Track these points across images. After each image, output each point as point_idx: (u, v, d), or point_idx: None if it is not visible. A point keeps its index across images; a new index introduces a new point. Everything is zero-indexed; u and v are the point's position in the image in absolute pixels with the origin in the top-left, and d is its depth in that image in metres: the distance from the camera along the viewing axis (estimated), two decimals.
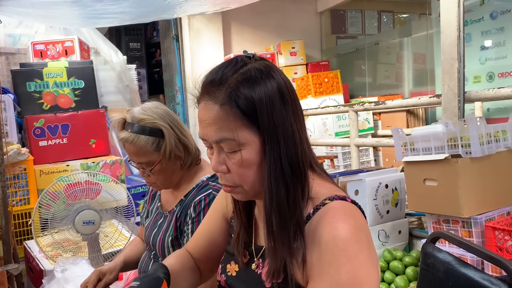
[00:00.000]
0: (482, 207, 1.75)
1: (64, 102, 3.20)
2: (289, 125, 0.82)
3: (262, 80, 0.81)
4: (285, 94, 0.82)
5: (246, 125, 0.80)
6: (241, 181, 0.84)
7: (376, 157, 4.55)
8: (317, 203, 0.84)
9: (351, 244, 0.76)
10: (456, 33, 2.06)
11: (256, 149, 0.81)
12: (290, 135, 0.81)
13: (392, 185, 2.27)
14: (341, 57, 5.71)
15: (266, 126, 0.80)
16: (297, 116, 0.84)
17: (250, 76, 0.81)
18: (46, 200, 2.01)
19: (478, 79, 3.69)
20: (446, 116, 2.16)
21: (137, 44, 6.53)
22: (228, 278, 0.98)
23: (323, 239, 0.78)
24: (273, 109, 0.80)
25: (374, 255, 0.80)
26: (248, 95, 0.79)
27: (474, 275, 0.90)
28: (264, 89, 0.80)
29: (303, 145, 0.84)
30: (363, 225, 0.81)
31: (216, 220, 1.10)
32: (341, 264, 0.75)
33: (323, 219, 0.80)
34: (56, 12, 2.74)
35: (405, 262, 2.06)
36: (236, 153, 0.82)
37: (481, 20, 3.61)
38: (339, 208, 0.81)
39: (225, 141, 0.82)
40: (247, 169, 0.83)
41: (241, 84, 0.80)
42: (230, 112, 0.80)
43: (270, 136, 0.80)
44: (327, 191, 0.86)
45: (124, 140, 1.41)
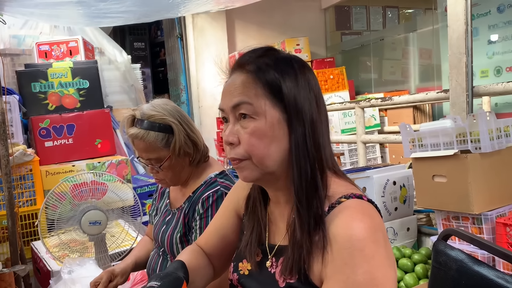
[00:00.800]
0: (492, 203, 1.73)
1: (69, 102, 3.19)
2: (314, 115, 0.84)
3: (291, 67, 0.85)
4: (313, 85, 0.86)
5: (267, 96, 0.82)
6: (251, 152, 0.83)
7: (383, 154, 4.52)
8: (332, 201, 0.83)
9: (368, 244, 0.75)
10: (464, 27, 2.03)
11: (272, 122, 0.82)
12: (314, 124, 0.83)
13: (400, 181, 2.25)
14: (346, 54, 5.67)
15: (293, 106, 0.82)
16: (321, 112, 0.86)
17: (281, 59, 0.85)
18: (53, 201, 2.01)
19: (485, 73, 3.65)
20: (454, 111, 2.13)
21: (142, 44, 6.53)
22: (241, 277, 0.97)
23: (339, 238, 0.76)
24: (300, 95, 0.83)
25: (391, 255, 0.78)
26: (277, 74, 0.83)
27: (488, 273, 0.88)
28: (293, 76, 0.84)
29: (324, 139, 0.85)
30: (380, 224, 0.80)
31: (228, 216, 1.08)
32: (358, 264, 0.74)
33: (339, 218, 0.79)
34: (60, 12, 2.74)
35: (414, 259, 2.03)
36: (250, 121, 0.83)
37: (488, 13, 3.57)
38: (356, 207, 0.80)
39: (243, 105, 0.83)
40: (258, 140, 0.82)
41: (271, 63, 0.84)
42: (255, 80, 0.83)
43: (297, 116, 0.82)
44: (344, 189, 0.85)
45: (133, 136, 1.42)
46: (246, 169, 0.86)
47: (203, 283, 1.05)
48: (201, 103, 5.04)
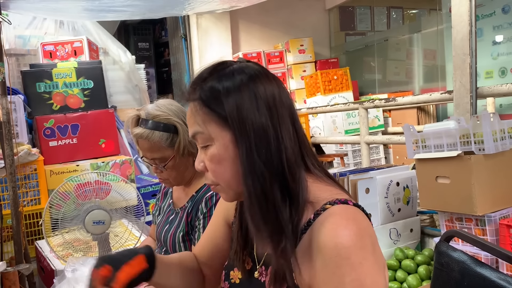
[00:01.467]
0: (496, 205, 1.73)
1: (74, 102, 3.21)
2: (262, 121, 0.80)
3: (234, 80, 0.82)
4: (260, 92, 0.82)
5: (214, 120, 0.82)
6: (216, 178, 0.85)
7: (387, 155, 4.51)
8: (317, 207, 0.81)
9: (354, 251, 0.73)
10: (468, 27, 2.03)
11: (224, 144, 0.82)
12: (262, 131, 0.80)
13: (403, 183, 2.25)
14: (350, 54, 5.67)
15: (235, 120, 0.80)
16: (277, 116, 0.82)
17: (224, 76, 0.83)
18: (57, 200, 2.02)
19: (490, 74, 3.64)
20: (458, 112, 2.13)
21: (146, 44, 6.55)
22: (232, 285, 0.96)
23: (325, 248, 0.75)
24: (243, 103, 0.81)
25: (381, 260, 0.77)
26: (218, 93, 0.82)
27: (491, 275, 0.87)
28: (236, 89, 0.81)
29: (282, 144, 0.81)
30: (367, 229, 0.78)
31: (219, 224, 1.08)
32: (345, 273, 0.72)
33: (324, 226, 0.77)
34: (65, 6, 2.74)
35: (417, 260, 2.03)
36: (208, 148, 0.84)
37: (493, 14, 3.56)
38: (341, 213, 0.78)
39: (197, 135, 0.85)
40: (218, 165, 0.83)
41: (213, 83, 0.83)
42: (201, 107, 0.83)
43: (240, 131, 0.80)
44: (328, 194, 0.83)
45: (138, 136, 1.43)
46: (221, 192, 0.88)
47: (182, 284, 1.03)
48: None
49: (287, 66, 5.21)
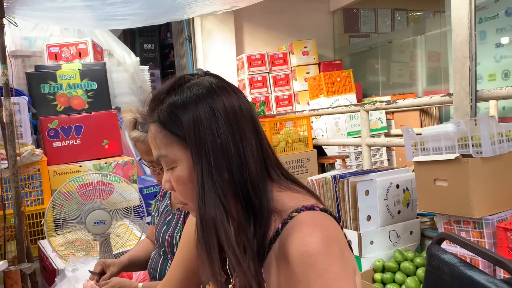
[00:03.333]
0: (493, 208, 1.73)
1: (78, 103, 3.24)
2: (223, 140, 0.79)
3: (191, 96, 0.81)
4: (219, 109, 0.80)
5: (175, 142, 0.81)
6: (184, 198, 0.84)
7: (390, 157, 4.51)
8: (284, 216, 0.80)
9: (320, 258, 0.73)
10: (468, 31, 2.03)
11: (189, 165, 0.80)
12: (222, 149, 0.79)
13: (403, 185, 2.25)
14: (354, 56, 5.67)
15: (193, 142, 0.79)
16: (238, 130, 0.81)
17: (181, 92, 0.82)
18: (59, 200, 2.05)
19: (493, 77, 3.63)
20: (458, 115, 2.13)
21: (151, 45, 6.59)
22: None
23: (292, 257, 0.75)
24: (201, 125, 0.79)
25: (350, 265, 0.77)
26: (176, 112, 0.80)
27: (479, 278, 0.88)
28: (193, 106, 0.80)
29: (244, 160, 0.80)
30: (334, 234, 0.77)
31: (190, 247, 1.07)
32: (311, 280, 0.72)
33: (291, 234, 0.77)
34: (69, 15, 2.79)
35: (416, 263, 2.03)
36: (173, 170, 0.82)
37: (496, 17, 3.55)
38: (307, 221, 0.78)
39: (161, 158, 0.83)
40: (183, 185, 0.82)
41: (170, 103, 0.81)
42: (160, 129, 0.81)
43: (197, 151, 0.79)
44: (295, 202, 0.82)
45: (135, 139, 1.46)
46: (191, 211, 0.88)
47: None
48: None
49: (291, 68, 5.23)
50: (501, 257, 0.88)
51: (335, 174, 2.20)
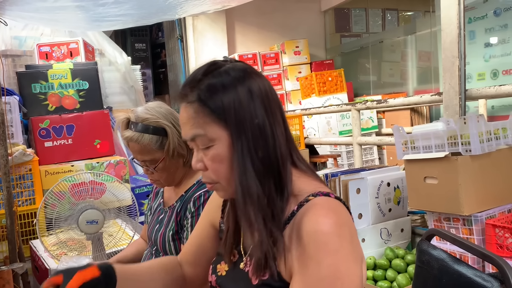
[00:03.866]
0: (482, 205, 1.75)
1: (69, 103, 3.23)
2: (260, 121, 0.84)
3: (230, 79, 0.85)
4: (255, 92, 0.85)
5: (215, 121, 0.84)
6: (217, 177, 0.87)
7: (381, 156, 4.54)
8: (301, 199, 0.85)
9: (332, 238, 0.77)
10: (457, 31, 2.06)
11: (226, 144, 0.84)
12: (260, 130, 0.84)
13: (394, 183, 2.28)
14: (346, 56, 5.70)
15: (233, 122, 0.83)
16: (271, 113, 0.86)
17: (219, 75, 0.86)
18: (51, 200, 2.04)
19: (482, 76, 3.67)
20: (447, 114, 2.16)
21: (143, 45, 6.57)
22: (218, 278, 1.00)
23: (305, 234, 0.79)
24: (241, 105, 0.83)
25: (358, 252, 0.81)
26: (216, 93, 0.84)
27: (467, 272, 0.90)
28: (232, 89, 0.84)
29: (277, 140, 0.86)
30: (346, 221, 0.82)
31: (204, 227, 1.12)
32: (322, 258, 0.76)
33: (306, 215, 0.81)
34: (60, 16, 2.77)
35: (407, 260, 2.06)
36: (209, 149, 0.86)
37: (485, 17, 3.60)
38: (322, 204, 0.83)
39: (198, 138, 0.86)
40: (220, 164, 0.86)
41: (210, 83, 0.85)
42: (200, 109, 0.85)
43: (237, 130, 0.83)
44: (312, 188, 0.87)
45: (128, 139, 1.45)
46: (220, 191, 0.91)
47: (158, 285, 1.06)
48: None
49: (283, 68, 5.24)
50: (488, 252, 0.90)
51: (327, 173, 2.22)
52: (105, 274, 0.91)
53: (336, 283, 0.75)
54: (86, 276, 0.87)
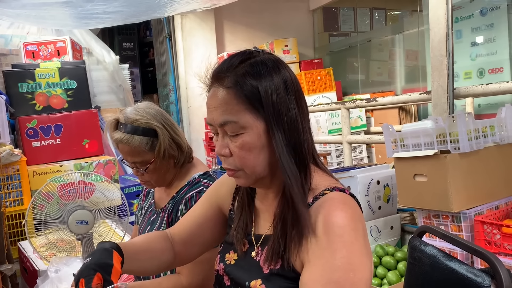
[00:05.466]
0: (471, 202, 1.78)
1: (57, 102, 3.20)
2: (293, 113, 0.86)
3: (267, 70, 0.86)
4: (289, 85, 0.87)
5: (249, 110, 0.85)
6: (242, 165, 0.88)
7: (369, 154, 4.57)
8: (317, 193, 0.88)
9: (347, 231, 0.79)
10: (445, 30, 2.08)
11: (258, 133, 0.86)
12: (294, 122, 0.86)
13: (383, 181, 2.29)
14: (334, 55, 5.72)
15: (271, 112, 0.84)
16: (301, 107, 0.88)
17: (257, 65, 0.86)
18: (40, 201, 2.02)
19: (469, 75, 3.72)
20: (436, 112, 2.18)
21: (130, 44, 6.52)
22: (227, 266, 1.01)
23: (321, 225, 0.81)
24: (278, 97, 0.85)
25: (369, 247, 0.83)
26: (254, 82, 0.84)
27: (458, 268, 0.92)
28: (269, 79, 0.85)
29: (305, 134, 0.88)
30: (360, 216, 0.85)
31: (209, 207, 1.12)
32: (337, 249, 0.78)
33: (322, 207, 0.83)
34: (47, 13, 2.74)
35: (397, 257, 2.08)
36: (238, 136, 0.86)
37: (471, 16, 3.64)
38: (338, 198, 0.85)
39: (228, 124, 0.86)
40: (248, 152, 0.86)
41: (247, 72, 0.85)
42: (235, 96, 0.85)
43: (276, 121, 0.84)
44: (328, 183, 0.90)
45: (118, 141, 1.43)
46: (241, 178, 0.91)
47: (152, 265, 1.07)
48: (190, 103, 5.06)
49: None
50: (478, 247, 0.92)
51: None
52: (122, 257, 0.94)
53: (349, 274, 0.77)
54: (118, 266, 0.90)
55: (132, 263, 0.99)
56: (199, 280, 1.34)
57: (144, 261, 1.04)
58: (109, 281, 0.85)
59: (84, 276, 0.85)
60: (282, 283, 0.86)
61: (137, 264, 1.02)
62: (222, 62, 0.89)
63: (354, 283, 0.77)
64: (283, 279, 0.86)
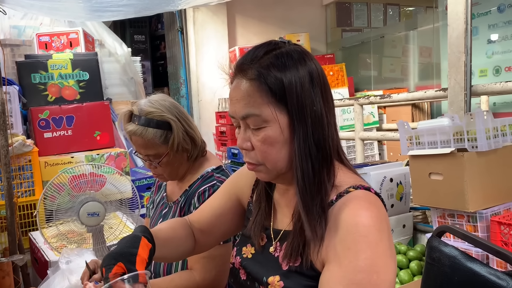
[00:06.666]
0: (488, 202, 1.74)
1: (69, 94, 3.20)
2: (318, 108, 0.83)
3: (293, 62, 0.83)
4: (315, 78, 0.84)
5: (273, 103, 0.82)
6: (264, 159, 0.86)
7: (381, 151, 4.53)
8: (341, 190, 0.85)
9: (372, 231, 0.77)
10: (464, 26, 2.04)
11: (281, 127, 0.83)
12: (318, 117, 0.83)
13: (396, 179, 2.26)
14: (347, 50, 5.67)
15: (294, 106, 0.82)
16: (326, 101, 0.85)
17: (282, 57, 0.83)
18: (51, 192, 2.02)
19: (484, 73, 3.66)
20: (452, 110, 2.14)
21: (142, 37, 6.52)
22: (244, 260, 0.99)
23: (345, 224, 0.78)
24: (302, 90, 0.82)
25: (393, 249, 0.80)
26: (278, 74, 0.82)
27: (481, 270, 0.89)
28: (294, 71, 0.82)
29: (330, 130, 0.85)
30: (385, 216, 0.82)
31: (228, 198, 1.11)
32: (361, 250, 0.76)
33: (346, 205, 0.81)
34: (61, 5, 2.73)
35: (409, 256, 2.05)
36: (261, 130, 0.84)
37: (489, 13, 3.58)
38: (363, 197, 0.82)
39: (251, 117, 0.84)
40: (270, 146, 0.84)
41: (272, 64, 0.83)
42: (258, 88, 0.83)
43: (299, 115, 0.82)
44: (352, 180, 0.87)
45: (132, 133, 1.41)
46: (262, 173, 0.89)
47: (177, 252, 1.07)
48: (201, 97, 5.04)
49: None
50: (501, 249, 0.89)
51: None
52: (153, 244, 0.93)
53: (372, 276, 0.75)
54: (145, 254, 0.89)
55: (161, 250, 0.98)
56: (212, 276, 1.32)
57: (171, 248, 1.04)
58: (133, 269, 0.84)
59: (104, 265, 0.85)
60: (301, 281, 0.84)
61: (164, 251, 1.02)
62: (247, 53, 0.86)
63: (377, 285, 0.74)
64: (303, 277, 0.84)
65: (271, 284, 0.88)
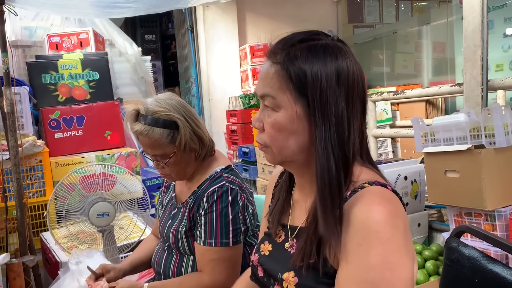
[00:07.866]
0: (506, 200, 1.69)
1: (79, 94, 3.20)
2: (340, 108, 0.81)
3: (323, 55, 0.81)
4: (343, 77, 0.81)
5: (290, 90, 0.82)
6: (270, 142, 0.86)
7: (394, 148, 4.46)
8: (356, 186, 0.83)
9: (384, 227, 0.73)
10: (480, 18, 1.98)
11: (292, 116, 0.82)
12: (339, 117, 0.81)
13: (411, 177, 2.21)
14: (358, 47, 5.60)
15: (317, 100, 0.80)
16: (352, 104, 0.83)
17: (314, 48, 0.82)
18: (62, 192, 2.01)
19: (500, 67, 3.57)
20: (468, 105, 2.08)
21: (153, 36, 6.53)
22: (261, 257, 0.99)
23: (356, 220, 0.76)
24: (328, 85, 0.80)
25: (411, 247, 0.77)
26: (303, 65, 0.81)
27: (503, 272, 0.85)
28: (322, 66, 0.80)
29: (352, 134, 0.82)
30: (401, 212, 0.78)
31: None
32: (372, 246, 0.73)
33: (359, 201, 0.78)
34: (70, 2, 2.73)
35: (425, 255, 2.00)
36: (273, 113, 0.84)
37: (504, 6, 3.49)
38: (377, 192, 0.80)
39: (267, 97, 0.85)
40: (278, 132, 0.84)
41: (301, 53, 0.82)
42: (280, 73, 0.82)
43: (321, 110, 0.80)
44: (369, 177, 0.85)
45: (138, 133, 1.39)
46: (268, 154, 0.90)
47: None
48: (211, 96, 5.02)
49: None
50: None
51: None
52: None
53: (385, 273, 0.71)
54: None
55: None
56: (222, 279, 1.30)
57: None
58: None
59: None
60: (316, 277, 0.82)
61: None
62: (286, 36, 0.87)
63: (391, 283, 0.71)
64: (317, 273, 0.82)
65: (286, 280, 0.87)
